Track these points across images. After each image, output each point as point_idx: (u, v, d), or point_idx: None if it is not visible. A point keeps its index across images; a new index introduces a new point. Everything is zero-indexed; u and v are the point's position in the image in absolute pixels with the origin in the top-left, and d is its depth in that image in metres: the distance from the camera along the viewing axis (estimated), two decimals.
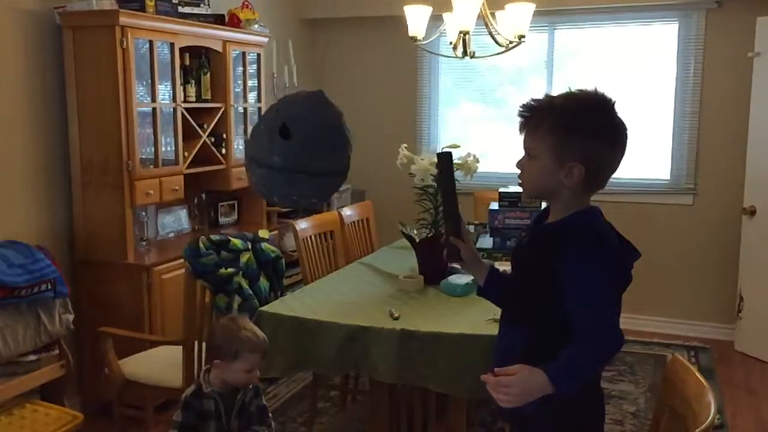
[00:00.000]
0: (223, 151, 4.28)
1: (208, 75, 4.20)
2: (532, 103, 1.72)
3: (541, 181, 1.73)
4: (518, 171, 1.78)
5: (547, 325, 1.71)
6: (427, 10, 3.64)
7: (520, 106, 1.73)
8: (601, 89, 1.70)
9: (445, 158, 1.83)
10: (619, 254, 1.69)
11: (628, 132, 1.71)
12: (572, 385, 1.63)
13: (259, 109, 4.60)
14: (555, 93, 1.78)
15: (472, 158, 3.49)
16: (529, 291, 1.76)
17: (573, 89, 1.72)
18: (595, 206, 1.76)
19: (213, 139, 4.22)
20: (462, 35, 3.53)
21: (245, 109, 4.48)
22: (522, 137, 1.75)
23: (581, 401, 1.73)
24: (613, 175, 1.76)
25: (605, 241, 1.67)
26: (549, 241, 1.72)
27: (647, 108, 5.04)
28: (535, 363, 1.64)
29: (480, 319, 2.61)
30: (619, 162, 1.72)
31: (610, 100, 1.69)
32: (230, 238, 3.08)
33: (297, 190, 2.17)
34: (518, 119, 1.74)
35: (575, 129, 1.66)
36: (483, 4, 3.52)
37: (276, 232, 4.61)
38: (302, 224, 3.69)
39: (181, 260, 3.03)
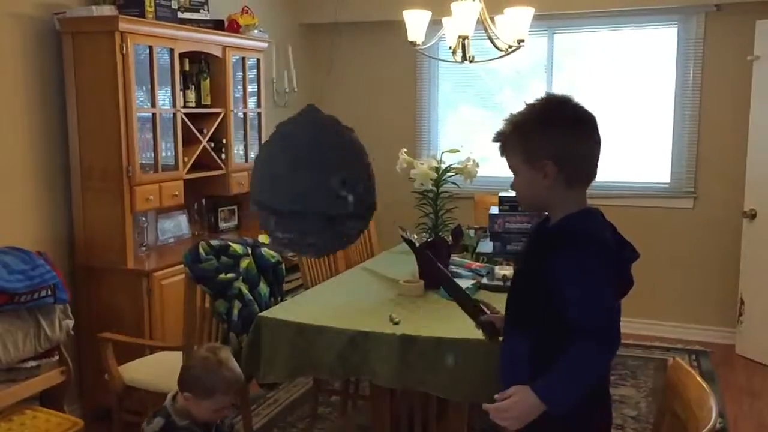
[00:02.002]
0: (223, 156, 4.29)
1: (208, 80, 4.21)
2: (500, 127, 1.77)
3: (530, 193, 1.76)
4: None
5: (550, 328, 1.70)
6: (426, 15, 3.64)
7: (494, 134, 1.79)
8: (559, 93, 1.75)
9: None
10: (615, 255, 1.69)
11: (595, 120, 1.72)
12: (566, 400, 1.62)
13: (259, 114, 4.60)
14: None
15: (472, 163, 3.49)
16: (530, 294, 1.76)
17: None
18: (594, 207, 1.76)
19: (213, 145, 4.23)
20: (461, 40, 3.53)
21: (245, 114, 4.48)
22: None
23: (591, 409, 1.73)
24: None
25: (598, 243, 1.67)
26: (545, 244, 1.73)
27: (647, 111, 5.02)
28: (541, 365, 1.64)
29: None
30: (595, 152, 1.73)
31: (568, 96, 1.73)
32: (230, 243, 3.08)
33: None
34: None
35: (533, 129, 1.70)
36: (482, 8, 3.52)
37: None
38: None
39: (181, 265, 3.02)
